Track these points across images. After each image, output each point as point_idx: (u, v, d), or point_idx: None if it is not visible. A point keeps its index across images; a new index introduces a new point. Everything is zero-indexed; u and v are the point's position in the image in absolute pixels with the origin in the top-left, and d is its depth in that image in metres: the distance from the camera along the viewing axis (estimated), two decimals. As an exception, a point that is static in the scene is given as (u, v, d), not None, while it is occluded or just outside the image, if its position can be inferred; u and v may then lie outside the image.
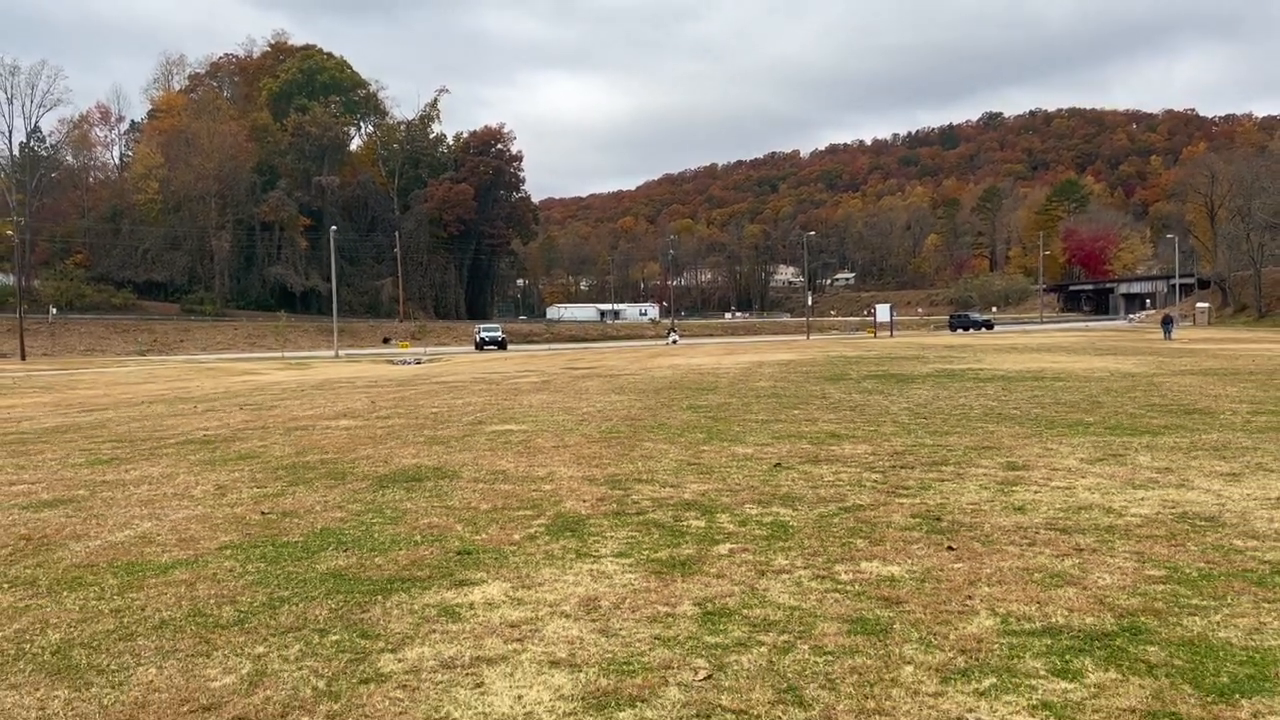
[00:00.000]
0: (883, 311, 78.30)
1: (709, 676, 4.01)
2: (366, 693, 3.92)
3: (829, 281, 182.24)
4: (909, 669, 4.05)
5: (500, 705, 3.78)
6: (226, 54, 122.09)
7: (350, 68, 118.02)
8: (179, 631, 4.77)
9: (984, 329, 77.86)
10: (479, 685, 3.99)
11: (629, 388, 21.14)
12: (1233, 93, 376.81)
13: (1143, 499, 7.52)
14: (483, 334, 72.05)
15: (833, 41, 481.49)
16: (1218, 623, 4.57)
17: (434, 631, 4.67)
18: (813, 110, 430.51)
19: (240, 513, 7.78)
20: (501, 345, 69.46)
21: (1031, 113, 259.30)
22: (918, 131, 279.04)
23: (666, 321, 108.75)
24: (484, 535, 6.71)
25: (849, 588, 5.25)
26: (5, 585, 5.72)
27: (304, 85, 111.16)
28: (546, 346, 79.07)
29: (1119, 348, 37.13)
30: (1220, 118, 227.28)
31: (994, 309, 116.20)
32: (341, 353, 65.59)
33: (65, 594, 5.49)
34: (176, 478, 9.77)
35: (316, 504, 8.07)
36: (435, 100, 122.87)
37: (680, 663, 4.17)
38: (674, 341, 75.24)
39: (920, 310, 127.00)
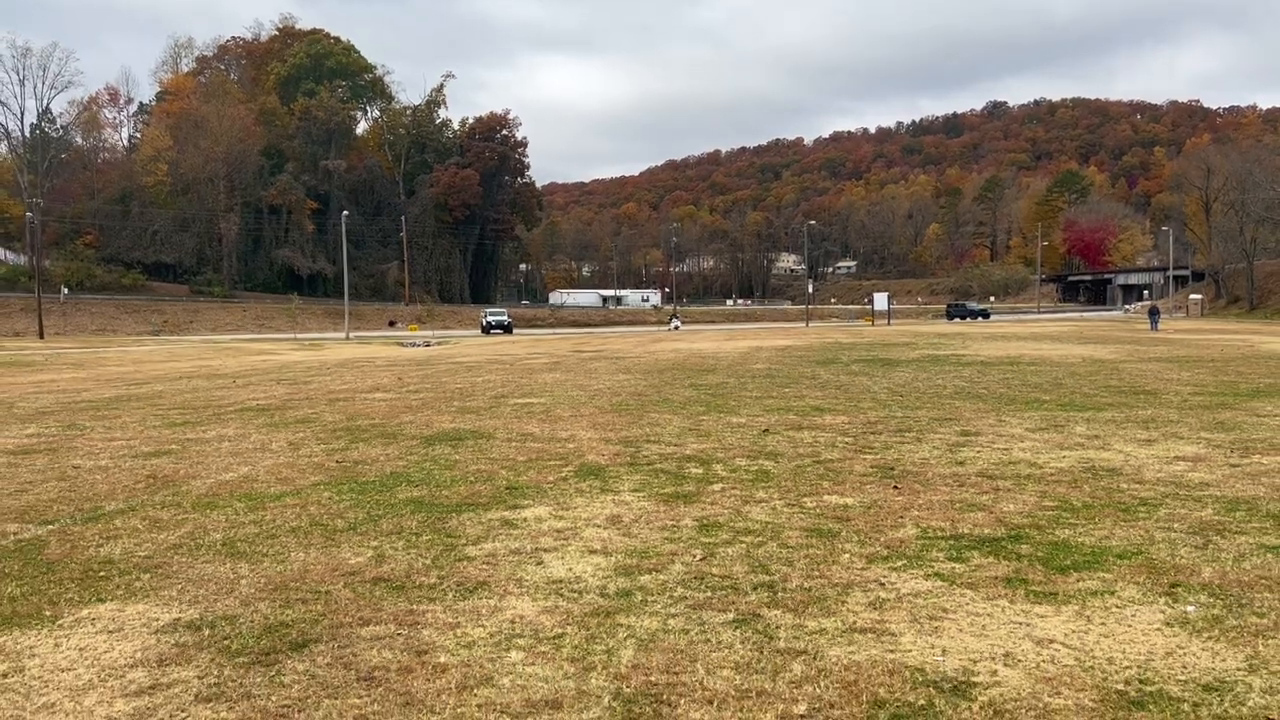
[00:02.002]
0: (880, 300, 79.98)
1: (703, 559, 5.62)
2: (462, 566, 5.54)
3: (830, 270, 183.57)
4: (846, 555, 5.67)
5: (557, 573, 5.39)
6: (234, 37, 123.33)
7: (357, 52, 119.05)
8: (308, 533, 6.39)
9: (980, 318, 79.55)
10: (540, 563, 5.60)
11: (635, 368, 22.76)
12: (1237, 84, 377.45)
13: (1064, 456, 9.12)
14: (489, 318, 73.66)
15: (837, 28, 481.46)
16: (1080, 533, 6.18)
17: (500, 534, 6.29)
18: (816, 97, 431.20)
19: (318, 461, 9.40)
20: (508, 329, 71.04)
21: (1036, 102, 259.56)
22: (921, 120, 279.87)
23: (669, 308, 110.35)
24: (525, 477, 8.33)
25: (811, 511, 6.86)
26: (158, 506, 7.34)
27: (311, 70, 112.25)
28: (551, 331, 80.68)
29: (1103, 337, 38.71)
30: (1225, 109, 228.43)
31: (992, 299, 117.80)
32: (350, 335, 67.20)
33: (209, 511, 7.11)
34: (250, 436, 11.39)
35: (379, 456, 9.69)
36: (441, 85, 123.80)
37: (683, 552, 5.79)
38: (676, 327, 76.82)
39: (920, 299, 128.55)
